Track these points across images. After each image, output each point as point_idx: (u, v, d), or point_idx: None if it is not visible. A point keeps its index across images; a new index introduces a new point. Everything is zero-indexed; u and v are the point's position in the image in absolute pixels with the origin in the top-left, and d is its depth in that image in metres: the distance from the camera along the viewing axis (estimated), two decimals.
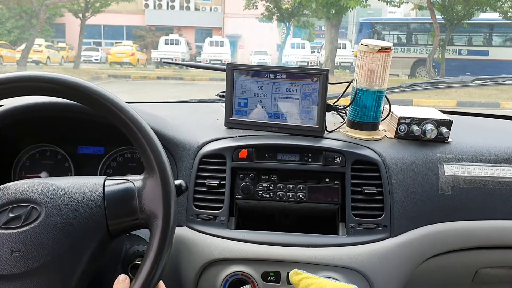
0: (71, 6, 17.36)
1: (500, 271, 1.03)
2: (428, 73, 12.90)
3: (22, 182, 0.68)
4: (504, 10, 14.94)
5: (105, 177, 0.71)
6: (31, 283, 0.61)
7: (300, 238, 0.92)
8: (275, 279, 0.89)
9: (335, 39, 15.17)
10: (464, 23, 14.87)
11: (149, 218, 0.66)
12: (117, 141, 1.06)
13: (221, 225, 0.94)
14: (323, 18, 15.43)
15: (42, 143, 1.08)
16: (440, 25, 13.71)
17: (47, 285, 0.62)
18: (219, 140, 1.00)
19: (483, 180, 0.99)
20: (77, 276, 0.64)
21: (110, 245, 0.69)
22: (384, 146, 1.01)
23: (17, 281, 0.61)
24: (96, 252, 0.66)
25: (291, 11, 18.28)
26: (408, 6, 17.07)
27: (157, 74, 14.04)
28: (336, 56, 15.26)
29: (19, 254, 0.62)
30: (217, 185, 0.96)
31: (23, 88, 0.67)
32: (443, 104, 7.19)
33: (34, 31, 14.82)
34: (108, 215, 0.67)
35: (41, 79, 0.65)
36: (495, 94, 7.92)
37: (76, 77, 0.68)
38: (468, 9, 14.64)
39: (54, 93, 0.67)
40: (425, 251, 0.96)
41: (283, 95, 1.04)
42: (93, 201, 0.67)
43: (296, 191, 0.96)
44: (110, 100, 0.67)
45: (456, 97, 7.47)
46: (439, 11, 14.90)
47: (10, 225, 0.63)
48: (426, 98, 6.79)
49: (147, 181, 0.68)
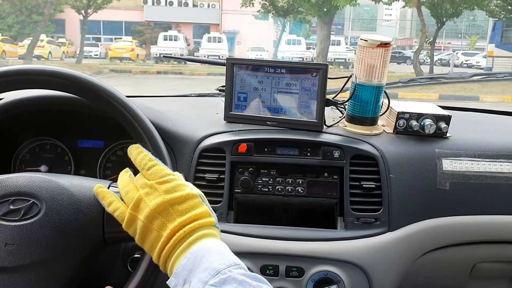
0: (73, 3, 17.45)
1: (497, 265, 1.02)
2: (415, 69, 12.99)
3: (27, 175, 0.66)
4: (490, 9, 15.18)
5: (110, 182, 0.69)
6: (19, 278, 0.60)
7: (298, 232, 0.91)
8: (274, 272, 0.88)
9: (327, 36, 15.39)
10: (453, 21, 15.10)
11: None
12: (116, 135, 1.04)
13: (220, 219, 0.92)
14: (315, 16, 15.65)
15: (42, 136, 1.06)
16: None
17: (35, 282, 0.60)
18: (218, 134, 0.99)
19: (481, 175, 0.98)
20: (66, 278, 0.62)
21: (103, 251, 0.67)
22: (383, 141, 0.99)
23: (6, 274, 0.60)
24: (89, 257, 0.64)
25: (286, 9, 18.37)
26: (400, 3, 17.18)
27: (157, 69, 14.13)
28: (328, 52, 15.47)
29: (13, 248, 0.60)
30: (217, 179, 0.94)
31: (25, 81, 0.65)
32: (426, 97, 7.21)
33: (39, 27, 15.12)
34: (106, 223, 0.64)
35: (42, 72, 0.64)
36: (476, 88, 8.01)
37: (78, 71, 0.66)
38: (456, 7, 14.87)
39: (56, 87, 0.66)
40: (423, 245, 0.95)
41: (283, 90, 1.02)
42: (93, 206, 0.65)
43: (295, 185, 0.95)
44: (112, 95, 0.65)
45: (439, 91, 7.51)
46: (428, 9, 15.11)
47: (8, 217, 0.62)
48: (410, 91, 6.79)
49: None
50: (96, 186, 0.64)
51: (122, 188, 0.63)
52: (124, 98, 0.66)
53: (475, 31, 33.39)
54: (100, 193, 0.63)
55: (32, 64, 0.84)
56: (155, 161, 0.63)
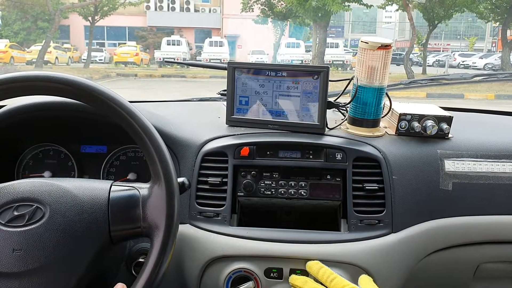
0: (81, 10, 17.68)
1: (501, 265, 1.00)
2: (405, 70, 13.00)
3: (28, 181, 0.66)
4: (480, 11, 15.33)
5: (112, 182, 0.69)
6: (29, 282, 0.59)
7: (302, 235, 0.89)
8: (278, 275, 0.87)
9: (323, 39, 15.56)
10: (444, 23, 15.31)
11: (151, 228, 0.64)
12: (119, 140, 1.03)
13: (223, 223, 0.90)
14: (311, 20, 15.90)
15: (45, 142, 1.04)
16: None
17: (45, 286, 0.59)
18: (221, 138, 0.97)
19: (484, 175, 0.96)
20: (76, 279, 0.61)
21: (110, 250, 0.66)
22: (385, 143, 0.97)
23: (15, 280, 0.59)
24: (96, 257, 0.64)
25: (284, 14, 18.49)
26: (395, 7, 17.30)
27: (161, 73, 14.27)
28: (324, 55, 15.63)
29: (20, 253, 0.59)
30: (219, 182, 0.92)
31: (31, 88, 0.64)
32: (414, 95, 7.23)
33: (49, 33, 15.41)
34: (111, 221, 0.64)
35: (55, 80, 0.63)
36: (463, 87, 8.12)
37: (88, 79, 0.65)
38: (447, 10, 15.04)
39: (64, 94, 0.64)
40: (426, 246, 0.93)
41: (284, 93, 1.00)
42: (97, 205, 0.64)
43: (298, 188, 0.93)
44: (116, 101, 0.64)
45: (426, 90, 7.57)
46: (421, 12, 15.31)
47: (14, 223, 0.61)
48: (399, 91, 6.85)
49: (152, 190, 0.65)
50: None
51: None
52: (128, 104, 0.65)
53: (474, 32, 33.41)
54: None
55: (42, 70, 0.82)
56: (335, 274, 0.74)
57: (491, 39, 29.63)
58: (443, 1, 14.63)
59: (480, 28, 31.77)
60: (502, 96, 8.53)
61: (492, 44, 29.03)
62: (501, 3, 14.63)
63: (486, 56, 21.20)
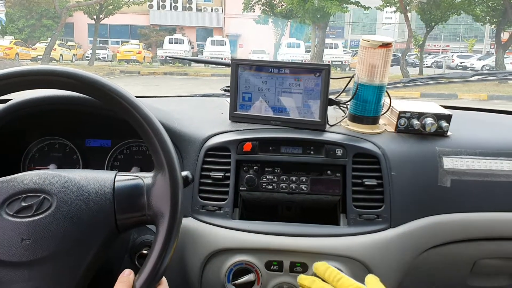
0: (86, 9, 17.72)
1: (498, 262, 1.00)
2: (402, 71, 13.00)
3: (35, 172, 0.66)
4: (476, 13, 15.36)
5: (116, 172, 0.69)
6: (38, 271, 0.59)
7: (302, 228, 0.90)
8: (278, 268, 0.87)
9: (322, 40, 15.57)
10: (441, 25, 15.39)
11: (156, 216, 0.64)
12: (123, 134, 1.03)
13: (225, 216, 0.91)
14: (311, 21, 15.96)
15: (50, 136, 1.04)
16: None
17: (54, 274, 0.60)
18: (224, 134, 0.97)
19: (482, 173, 0.96)
20: (83, 268, 0.62)
21: (117, 239, 0.67)
22: (385, 140, 0.97)
23: (25, 268, 0.59)
24: (103, 245, 0.64)
25: (285, 14, 18.50)
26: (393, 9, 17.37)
27: (164, 70, 14.26)
28: (323, 55, 15.67)
29: (29, 242, 0.60)
30: (222, 177, 0.93)
31: (37, 82, 0.64)
32: (409, 95, 7.23)
33: (56, 31, 15.48)
34: (117, 210, 0.64)
35: (61, 73, 0.63)
36: (457, 87, 8.24)
37: (93, 73, 0.65)
38: (444, 12, 15.09)
39: (69, 88, 0.65)
40: (424, 241, 0.93)
41: (286, 90, 1.00)
42: (103, 195, 0.64)
43: (299, 183, 0.93)
44: (123, 96, 0.64)
45: (420, 89, 7.57)
46: (418, 14, 15.37)
47: (22, 213, 0.61)
48: (395, 89, 6.82)
49: (156, 178, 0.65)
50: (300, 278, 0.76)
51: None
52: (129, 95, 0.65)
53: (473, 34, 33.34)
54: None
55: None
56: (342, 274, 0.73)
57: (490, 41, 29.57)
58: (440, 3, 14.69)
59: (480, 30, 31.73)
60: (495, 96, 8.56)
61: (491, 46, 28.96)
62: (496, 6, 14.67)
63: (484, 58, 21.16)
